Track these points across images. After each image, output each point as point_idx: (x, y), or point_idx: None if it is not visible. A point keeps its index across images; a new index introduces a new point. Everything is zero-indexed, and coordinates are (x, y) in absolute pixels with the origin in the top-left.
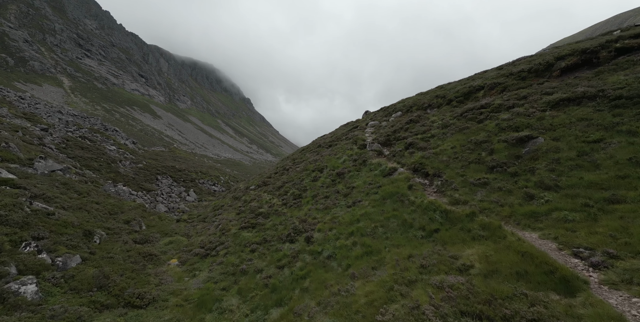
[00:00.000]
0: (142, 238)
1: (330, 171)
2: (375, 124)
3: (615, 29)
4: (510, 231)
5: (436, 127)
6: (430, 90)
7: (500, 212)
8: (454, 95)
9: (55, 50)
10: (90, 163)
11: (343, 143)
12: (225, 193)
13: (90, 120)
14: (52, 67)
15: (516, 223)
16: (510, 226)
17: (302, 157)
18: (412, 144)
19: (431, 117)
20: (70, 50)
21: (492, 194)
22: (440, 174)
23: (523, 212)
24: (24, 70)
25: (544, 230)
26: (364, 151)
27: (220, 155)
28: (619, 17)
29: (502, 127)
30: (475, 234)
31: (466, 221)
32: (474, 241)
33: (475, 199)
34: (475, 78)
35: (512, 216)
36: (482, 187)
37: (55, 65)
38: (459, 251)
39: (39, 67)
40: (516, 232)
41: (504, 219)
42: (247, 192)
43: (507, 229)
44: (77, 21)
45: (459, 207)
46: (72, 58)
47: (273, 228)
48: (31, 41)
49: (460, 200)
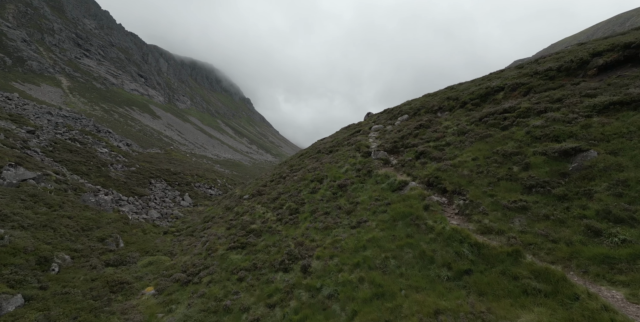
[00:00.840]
0: (117, 259)
1: (331, 182)
2: (380, 128)
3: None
4: (584, 288)
5: (451, 133)
6: (440, 92)
7: (553, 251)
8: (468, 97)
9: (53, 50)
10: (78, 167)
11: (345, 149)
12: (221, 198)
13: (82, 121)
14: (50, 67)
15: (582, 271)
16: (575, 274)
17: (300, 164)
18: (424, 153)
19: (444, 122)
20: (69, 50)
21: (536, 223)
22: (462, 191)
23: (590, 256)
24: (22, 70)
25: (630, 286)
26: (368, 160)
27: (219, 155)
28: (620, 17)
29: (536, 135)
30: (527, 285)
31: (508, 262)
32: (526, 297)
33: (513, 228)
34: (491, 78)
35: (572, 258)
36: (521, 213)
37: (54, 65)
38: (507, 313)
39: (37, 67)
40: (594, 293)
41: (561, 262)
42: (240, 203)
43: (576, 282)
44: (76, 21)
45: (493, 239)
46: (71, 58)
47: (265, 250)
48: (29, 41)
49: (493, 228)
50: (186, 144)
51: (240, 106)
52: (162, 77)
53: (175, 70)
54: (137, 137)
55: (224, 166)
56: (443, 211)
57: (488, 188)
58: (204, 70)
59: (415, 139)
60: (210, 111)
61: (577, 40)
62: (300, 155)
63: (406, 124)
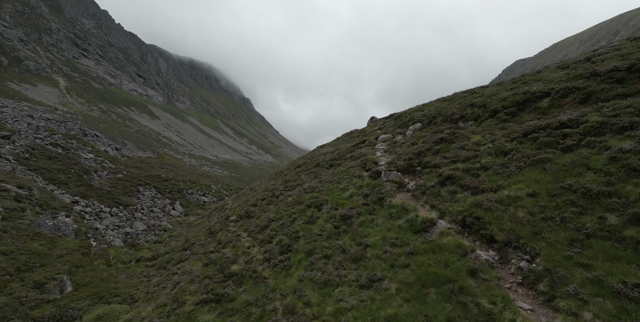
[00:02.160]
0: (53, 315)
1: (332, 210)
2: (388, 139)
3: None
4: None
5: (486, 152)
6: (457, 96)
7: None
8: (499, 105)
9: (51, 50)
10: (55, 176)
11: (348, 164)
12: (212, 209)
13: (67, 124)
14: (47, 67)
15: None
16: None
17: (296, 179)
18: (451, 178)
19: (471, 136)
20: (67, 49)
21: None
22: (523, 245)
23: None
24: (19, 70)
25: None
26: (378, 182)
27: (218, 156)
28: (624, 16)
29: (631, 165)
30: None
31: None
32: None
33: None
34: (527, 81)
35: None
36: None
37: (51, 65)
38: None
39: (34, 67)
40: None
41: None
42: (225, 226)
43: None
44: (75, 20)
45: None
46: (69, 58)
47: (244, 311)
48: (26, 40)
49: None
50: (185, 145)
51: (240, 106)
52: (162, 77)
53: (175, 70)
54: (134, 138)
55: (223, 167)
56: (499, 279)
57: (572, 250)
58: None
59: (436, 156)
60: (210, 111)
61: (579, 40)
62: (297, 166)
63: (421, 136)
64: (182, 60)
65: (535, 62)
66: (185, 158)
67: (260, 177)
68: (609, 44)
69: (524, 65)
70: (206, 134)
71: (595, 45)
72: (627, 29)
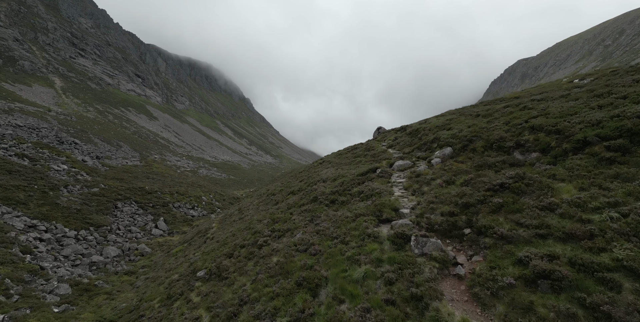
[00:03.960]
0: None
1: (335, 303)
2: (407, 167)
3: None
4: None
5: (602, 224)
6: (495, 109)
7: None
8: (592, 133)
9: (47, 50)
10: (12, 194)
11: (355, 206)
12: (194, 233)
13: (41, 131)
14: (43, 67)
15: None
16: None
17: (286, 219)
18: (549, 277)
19: (554, 184)
20: (64, 49)
21: None
22: None
23: None
24: (13, 70)
25: None
26: (407, 255)
27: (217, 157)
28: (629, 15)
29: None
30: None
31: None
32: None
33: None
34: (617, 92)
35: None
36: None
37: (47, 65)
38: None
39: (29, 67)
40: None
41: None
42: (189, 288)
43: None
44: (72, 20)
45: None
46: (65, 57)
47: None
48: (22, 40)
49: None
50: (183, 146)
51: (240, 106)
52: (160, 77)
53: (174, 70)
54: (131, 140)
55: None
56: None
57: None
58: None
59: (499, 217)
60: (209, 112)
61: (583, 39)
62: (289, 193)
63: (458, 170)
64: (181, 60)
65: (538, 62)
66: (182, 160)
67: (259, 179)
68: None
69: (527, 64)
70: (205, 134)
71: (600, 45)
72: (632, 27)
